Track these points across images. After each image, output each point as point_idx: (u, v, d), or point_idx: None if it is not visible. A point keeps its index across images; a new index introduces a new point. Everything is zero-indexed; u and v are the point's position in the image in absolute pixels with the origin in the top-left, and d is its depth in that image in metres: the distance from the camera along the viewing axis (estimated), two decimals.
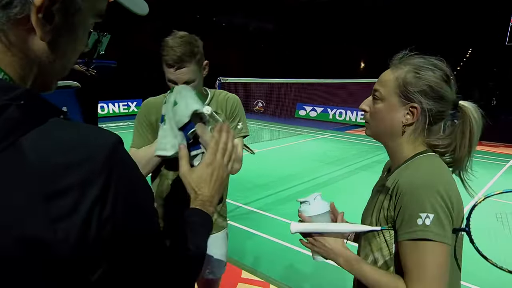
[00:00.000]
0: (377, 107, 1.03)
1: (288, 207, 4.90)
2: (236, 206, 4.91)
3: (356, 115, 13.51)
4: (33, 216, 0.41)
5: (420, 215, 0.87)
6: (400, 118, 1.00)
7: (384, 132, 1.04)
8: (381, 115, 1.02)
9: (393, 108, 1.00)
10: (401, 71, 0.99)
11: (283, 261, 3.47)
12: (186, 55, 1.39)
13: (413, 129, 1.00)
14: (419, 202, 0.88)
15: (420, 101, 0.97)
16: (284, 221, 4.44)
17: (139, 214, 0.52)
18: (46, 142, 0.43)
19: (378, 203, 1.02)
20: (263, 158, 7.78)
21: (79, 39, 0.52)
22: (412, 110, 0.98)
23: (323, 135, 11.21)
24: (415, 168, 0.96)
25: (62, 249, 0.42)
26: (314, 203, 1.07)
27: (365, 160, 7.85)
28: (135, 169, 0.52)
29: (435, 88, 0.96)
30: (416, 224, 0.88)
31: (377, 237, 1.00)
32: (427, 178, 0.92)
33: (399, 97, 0.99)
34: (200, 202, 0.81)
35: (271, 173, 6.53)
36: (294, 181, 6.06)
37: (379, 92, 1.02)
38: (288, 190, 5.63)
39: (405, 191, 0.91)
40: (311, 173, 6.59)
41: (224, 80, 4.29)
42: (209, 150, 0.87)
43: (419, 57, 1.01)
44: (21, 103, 0.43)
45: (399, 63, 1.02)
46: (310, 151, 8.83)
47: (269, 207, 4.90)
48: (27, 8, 0.44)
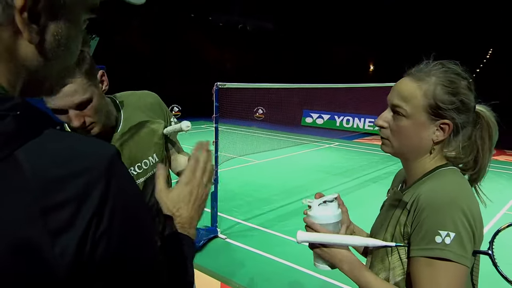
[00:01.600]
0: (401, 125, 1.01)
1: (291, 224, 4.89)
2: (235, 222, 4.90)
3: (364, 122, 13.55)
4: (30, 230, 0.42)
5: (440, 233, 0.87)
6: (429, 136, 0.99)
7: (409, 150, 1.03)
8: (407, 133, 1.01)
9: (422, 125, 0.99)
10: (427, 86, 0.98)
11: (286, 282, 3.46)
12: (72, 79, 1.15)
13: (442, 145, 1.01)
14: (440, 219, 0.88)
15: (452, 117, 0.97)
16: (287, 238, 4.43)
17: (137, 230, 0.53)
18: (42, 154, 0.44)
19: (394, 219, 1.02)
20: (264, 170, 7.79)
21: (71, 38, 0.53)
22: (443, 127, 0.98)
23: (329, 145, 11.23)
24: (437, 183, 0.97)
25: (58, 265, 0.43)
26: (326, 209, 1.07)
27: (375, 172, 7.85)
28: (133, 183, 0.54)
29: (465, 101, 0.97)
30: (434, 241, 0.88)
31: (390, 255, 1.00)
32: (450, 194, 0.92)
33: (429, 114, 0.98)
34: (179, 225, 0.81)
35: (273, 186, 6.53)
36: (298, 195, 6.05)
37: (403, 109, 1.00)
38: (292, 205, 5.62)
39: (425, 205, 0.92)
40: (317, 186, 6.59)
41: (222, 85, 4.32)
42: (188, 168, 0.86)
43: (442, 66, 1.00)
44: (17, 114, 0.44)
45: (423, 74, 1.00)
46: (315, 162, 8.84)
47: (271, 224, 4.89)
48: (10, 11, 0.45)
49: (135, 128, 1.43)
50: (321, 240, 1.05)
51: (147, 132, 1.46)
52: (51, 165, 0.44)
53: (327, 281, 3.38)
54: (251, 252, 4.07)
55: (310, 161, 8.91)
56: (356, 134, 12.84)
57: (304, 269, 3.64)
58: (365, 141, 12.03)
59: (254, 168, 7.95)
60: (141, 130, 1.45)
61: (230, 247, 4.19)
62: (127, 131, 1.42)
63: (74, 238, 0.44)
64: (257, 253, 4.05)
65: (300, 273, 3.58)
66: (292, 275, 3.57)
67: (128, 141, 1.42)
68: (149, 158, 1.46)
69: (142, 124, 1.45)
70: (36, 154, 0.44)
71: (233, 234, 4.52)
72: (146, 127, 1.46)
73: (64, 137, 0.48)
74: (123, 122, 1.42)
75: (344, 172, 7.86)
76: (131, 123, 1.43)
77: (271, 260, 3.89)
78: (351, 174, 7.66)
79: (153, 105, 1.52)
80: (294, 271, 3.63)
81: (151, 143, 1.47)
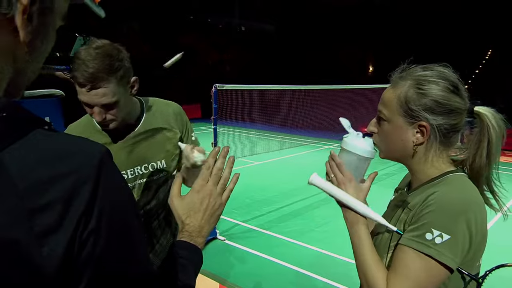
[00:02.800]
0: (384, 129, 1.04)
1: (291, 225, 4.90)
2: (233, 224, 4.90)
3: None
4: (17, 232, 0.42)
5: (433, 231, 0.88)
6: (410, 138, 1.00)
7: (396, 154, 1.06)
8: (390, 137, 1.03)
9: (400, 129, 1.01)
10: (401, 89, 1.00)
11: (285, 284, 3.46)
12: (102, 71, 1.23)
13: (426, 148, 1.01)
14: (442, 220, 0.89)
15: (426, 118, 0.97)
16: (287, 240, 4.43)
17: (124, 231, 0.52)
18: (29, 155, 0.44)
19: (396, 217, 1.04)
20: (263, 171, 7.79)
21: (51, 41, 0.54)
22: (421, 129, 0.98)
23: (328, 146, 11.23)
24: (449, 187, 0.96)
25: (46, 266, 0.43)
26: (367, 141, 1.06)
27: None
28: (123, 183, 0.53)
29: (441, 101, 0.96)
30: (423, 236, 0.89)
31: (391, 251, 1.01)
32: (463, 204, 0.91)
33: (404, 117, 0.99)
34: (187, 233, 0.80)
35: (272, 188, 6.53)
36: (298, 196, 6.06)
37: (383, 113, 1.03)
38: (291, 206, 5.63)
39: (431, 203, 0.92)
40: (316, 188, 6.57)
41: (220, 87, 4.33)
42: (200, 176, 0.86)
43: (420, 69, 1.01)
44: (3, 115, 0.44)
45: (399, 79, 1.02)
46: (315, 163, 8.83)
47: (270, 225, 4.89)
48: (14, 8, 0.46)
49: (151, 132, 1.51)
50: (331, 192, 1.06)
51: (162, 138, 1.53)
52: (38, 166, 0.44)
53: (327, 283, 3.38)
54: (250, 254, 4.07)
55: (310, 162, 8.91)
56: None
57: (306, 271, 3.64)
58: None
59: (253, 169, 7.95)
60: (157, 135, 1.52)
61: (229, 248, 4.18)
62: (143, 132, 1.50)
63: (62, 239, 0.43)
64: (256, 255, 4.04)
65: (299, 275, 3.58)
66: (291, 277, 3.57)
67: (141, 141, 1.49)
68: (157, 162, 1.52)
69: (159, 130, 1.53)
70: (22, 155, 0.44)
71: (232, 235, 4.52)
72: (161, 133, 1.53)
73: (52, 137, 0.48)
74: (143, 124, 1.50)
75: None
76: (150, 127, 1.51)
77: (270, 262, 3.88)
78: None
79: (175, 116, 1.58)
80: (294, 273, 3.63)
81: (163, 149, 1.53)
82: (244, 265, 3.82)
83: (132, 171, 1.48)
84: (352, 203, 1.02)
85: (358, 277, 1.22)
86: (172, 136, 1.55)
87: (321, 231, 4.73)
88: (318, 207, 5.50)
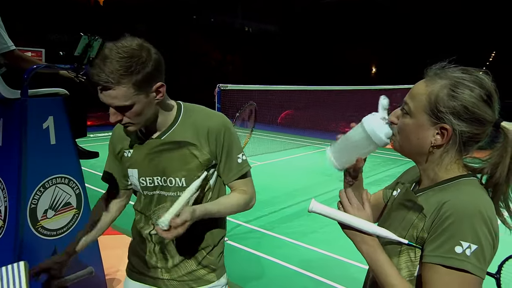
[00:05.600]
0: (404, 122, 1.01)
1: (294, 226, 4.89)
2: (236, 224, 4.90)
3: None
4: None
5: (461, 243, 0.86)
6: (428, 138, 0.97)
7: (410, 150, 1.03)
8: (408, 132, 1.00)
9: (422, 126, 0.98)
10: (435, 86, 0.96)
11: (288, 286, 3.45)
12: (116, 72, 1.17)
13: (443, 151, 0.98)
14: (464, 229, 0.87)
15: (451, 121, 0.93)
16: (289, 241, 4.42)
17: None
18: None
19: (407, 221, 1.00)
20: (266, 172, 7.79)
21: None
22: (443, 131, 0.95)
23: None
24: (461, 192, 0.94)
25: None
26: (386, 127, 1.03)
27: (377, 174, 7.84)
28: None
29: (470, 109, 0.92)
30: (453, 251, 0.86)
31: (400, 255, 0.99)
32: (478, 206, 0.89)
33: (429, 116, 0.96)
34: None
35: (274, 188, 6.53)
36: (301, 197, 6.05)
37: (408, 106, 1.00)
38: (294, 207, 5.62)
39: (449, 214, 0.89)
40: (319, 188, 6.58)
41: (224, 87, 4.33)
42: None
43: (459, 70, 0.97)
44: None
45: (435, 75, 0.98)
46: (317, 164, 8.82)
47: (273, 226, 4.89)
48: None
49: (177, 144, 1.38)
50: (335, 217, 1.01)
51: (186, 154, 1.38)
52: None
53: (330, 284, 3.37)
54: (252, 254, 4.06)
55: (313, 163, 8.90)
56: None
57: (308, 272, 3.63)
58: None
59: (256, 170, 7.93)
60: (181, 150, 1.38)
61: (231, 249, 4.18)
62: (169, 142, 1.39)
63: None
64: (258, 255, 4.04)
65: (302, 276, 3.57)
66: (294, 278, 3.56)
67: (164, 151, 1.39)
68: (176, 179, 1.40)
69: (185, 144, 1.38)
70: None
71: (234, 236, 4.51)
72: (187, 149, 1.38)
73: None
74: (171, 133, 1.39)
75: None
76: (177, 138, 1.39)
77: (273, 263, 3.88)
78: None
79: (211, 132, 1.40)
80: (297, 274, 3.62)
81: (185, 166, 1.39)
82: (247, 265, 3.82)
83: (151, 180, 1.41)
84: (359, 224, 0.97)
85: (362, 280, 1.21)
86: (198, 155, 1.38)
87: (324, 232, 4.72)
88: None
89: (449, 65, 0.99)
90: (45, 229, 2.17)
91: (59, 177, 2.21)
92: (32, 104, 2.11)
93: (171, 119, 1.40)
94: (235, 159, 1.45)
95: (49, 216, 2.19)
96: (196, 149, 1.38)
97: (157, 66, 1.26)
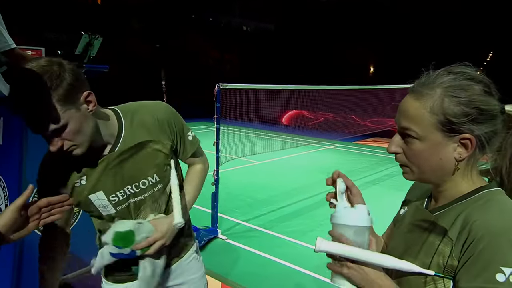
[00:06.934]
0: (415, 148, 0.89)
1: (293, 225, 4.89)
2: (235, 223, 4.89)
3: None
4: None
5: (503, 270, 0.76)
6: (451, 154, 0.87)
7: (433, 174, 0.91)
8: (424, 157, 0.89)
9: (439, 145, 0.87)
10: (432, 100, 0.85)
11: (287, 284, 3.45)
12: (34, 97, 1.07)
13: (467, 163, 0.89)
14: (503, 252, 0.77)
15: (471, 130, 0.84)
16: (288, 240, 4.42)
17: None
18: None
19: (428, 246, 0.90)
20: (264, 171, 7.79)
21: None
22: (464, 142, 0.85)
23: (329, 146, 11.24)
24: (488, 209, 0.84)
25: None
26: (358, 210, 0.90)
27: (376, 174, 7.85)
28: None
29: (484, 108, 0.84)
30: (494, 279, 0.76)
31: (425, 286, 0.88)
32: (509, 222, 0.80)
33: (442, 132, 0.85)
34: None
35: (273, 187, 6.53)
36: (299, 196, 6.05)
37: (412, 131, 0.88)
38: (293, 206, 5.62)
39: (481, 235, 0.79)
40: (318, 187, 6.58)
41: (223, 86, 4.32)
42: None
43: (445, 74, 0.87)
44: None
45: (423, 88, 0.87)
46: (316, 163, 8.84)
47: (272, 225, 4.89)
48: None
49: (135, 148, 1.34)
50: (346, 253, 0.86)
51: (149, 152, 1.36)
52: None
53: (327, 282, 3.36)
54: (251, 253, 4.06)
55: (311, 162, 8.91)
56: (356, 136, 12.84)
57: (306, 271, 3.63)
58: (365, 143, 12.03)
59: (255, 169, 7.95)
60: (142, 151, 1.35)
61: (230, 247, 4.18)
62: (126, 150, 1.33)
63: None
64: (257, 254, 4.04)
65: (300, 274, 3.58)
66: (293, 276, 3.56)
67: (127, 160, 1.33)
68: (148, 178, 1.38)
69: (144, 144, 1.35)
70: None
71: (233, 234, 4.51)
72: (148, 147, 1.36)
73: None
74: (123, 141, 1.33)
75: (345, 173, 7.83)
76: (132, 143, 1.33)
77: (271, 261, 3.88)
78: (352, 176, 7.51)
79: (161, 122, 1.39)
80: (295, 272, 3.63)
81: (152, 164, 1.37)
82: (245, 264, 3.82)
83: (122, 193, 1.35)
84: (379, 257, 0.84)
85: None
86: (160, 148, 1.38)
87: (322, 231, 4.72)
88: (319, 207, 5.49)
89: (429, 73, 0.90)
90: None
91: None
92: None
93: (115, 129, 1.32)
94: (187, 138, 1.49)
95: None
96: (156, 143, 1.37)
97: (75, 75, 1.15)
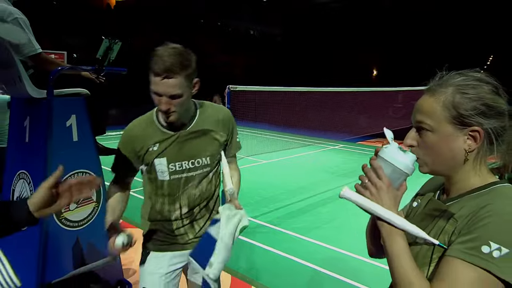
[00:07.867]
0: (428, 141, 0.95)
1: (299, 221, 4.96)
2: None
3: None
4: None
5: (490, 244, 0.80)
6: (461, 146, 0.92)
7: (444, 165, 0.96)
8: (438, 148, 0.94)
9: (450, 137, 0.93)
10: (445, 96, 0.93)
11: (294, 279, 3.52)
12: (175, 65, 1.43)
13: (476, 155, 0.94)
14: (498, 231, 0.81)
15: (480, 122, 0.90)
16: (295, 236, 4.49)
17: None
18: None
19: (436, 228, 0.95)
20: (271, 170, 7.86)
21: None
22: (473, 134, 0.91)
23: (333, 146, 11.27)
24: (502, 198, 0.88)
25: None
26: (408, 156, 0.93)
27: None
28: None
29: (491, 104, 0.91)
30: (479, 249, 0.80)
31: (430, 265, 0.93)
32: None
33: (453, 124, 0.92)
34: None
35: (279, 186, 6.60)
36: (305, 194, 6.12)
37: (426, 123, 0.95)
38: (299, 203, 5.69)
39: (487, 216, 0.83)
40: (323, 186, 6.64)
41: (233, 88, 4.42)
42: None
43: (458, 75, 0.95)
44: None
45: (438, 86, 0.95)
46: (321, 162, 8.89)
47: (279, 221, 4.96)
48: None
49: (201, 132, 1.69)
50: (365, 205, 0.93)
51: (209, 139, 1.71)
52: None
53: (335, 277, 3.44)
54: (260, 248, 4.14)
55: (316, 162, 8.96)
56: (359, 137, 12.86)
57: (314, 266, 3.71)
58: (368, 143, 12.04)
59: (261, 168, 8.02)
60: (205, 136, 1.70)
61: (239, 242, 4.24)
62: (195, 131, 1.67)
63: None
64: (265, 249, 4.12)
65: (307, 268, 3.66)
66: (299, 270, 3.64)
67: (192, 139, 1.67)
68: (203, 159, 1.70)
69: (208, 131, 1.71)
70: None
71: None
72: (209, 135, 1.71)
73: None
74: (195, 124, 1.68)
75: (349, 173, 7.90)
76: (200, 127, 1.69)
77: (279, 256, 3.95)
78: (355, 175, 7.58)
79: (223, 121, 1.76)
80: (302, 266, 3.71)
81: (209, 148, 1.71)
82: (255, 258, 3.90)
83: (180, 165, 1.66)
84: (388, 217, 0.90)
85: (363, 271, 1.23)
86: (218, 138, 1.74)
87: (327, 227, 4.79)
88: (323, 205, 5.56)
89: (443, 73, 0.98)
90: (68, 220, 2.27)
91: (81, 172, 2.30)
92: (57, 103, 2.20)
93: (192, 112, 1.69)
94: (235, 139, 1.85)
95: (71, 209, 2.28)
96: (217, 134, 1.73)
97: (196, 65, 1.52)
